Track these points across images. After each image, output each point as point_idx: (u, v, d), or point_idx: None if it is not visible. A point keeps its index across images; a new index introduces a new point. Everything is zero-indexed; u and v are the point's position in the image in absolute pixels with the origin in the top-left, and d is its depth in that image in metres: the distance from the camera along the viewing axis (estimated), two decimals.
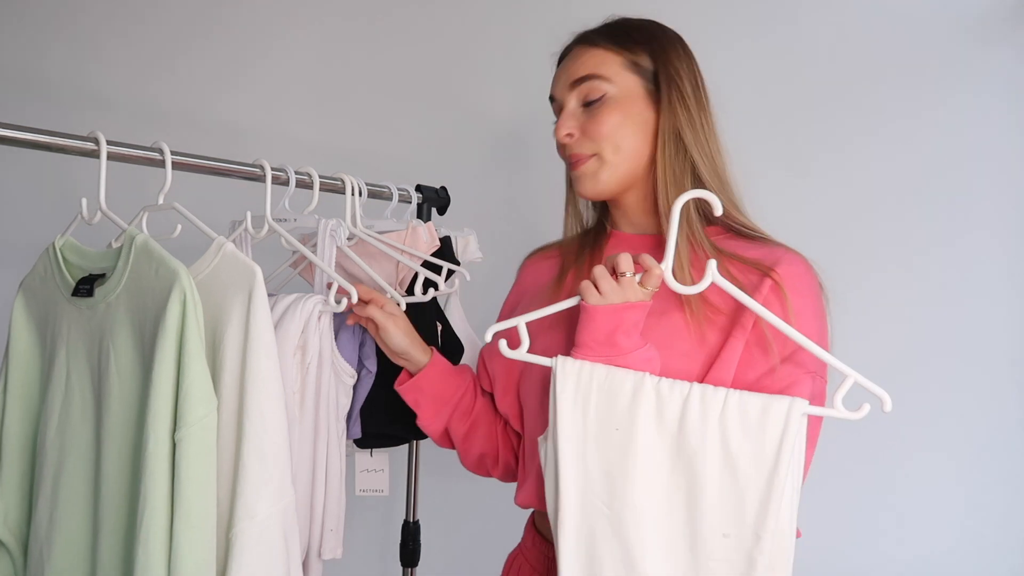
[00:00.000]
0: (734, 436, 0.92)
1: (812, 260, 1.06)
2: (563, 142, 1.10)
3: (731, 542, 0.91)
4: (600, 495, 0.95)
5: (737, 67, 1.62)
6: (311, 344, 1.11)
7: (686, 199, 0.94)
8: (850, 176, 1.61)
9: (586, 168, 1.09)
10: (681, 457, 0.93)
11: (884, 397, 0.92)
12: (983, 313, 1.54)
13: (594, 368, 0.96)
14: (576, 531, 0.95)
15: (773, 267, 1.01)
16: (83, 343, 0.98)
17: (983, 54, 1.53)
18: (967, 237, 1.55)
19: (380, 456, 1.39)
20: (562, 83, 1.12)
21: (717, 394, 0.93)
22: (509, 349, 1.02)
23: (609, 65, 1.08)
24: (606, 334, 0.96)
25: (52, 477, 0.98)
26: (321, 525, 1.16)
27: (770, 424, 0.91)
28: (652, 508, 0.93)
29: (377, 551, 1.92)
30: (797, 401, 0.92)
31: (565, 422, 0.96)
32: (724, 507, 0.92)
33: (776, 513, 0.90)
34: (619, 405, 0.95)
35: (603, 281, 0.96)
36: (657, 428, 0.94)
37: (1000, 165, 1.53)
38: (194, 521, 0.86)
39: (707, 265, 0.94)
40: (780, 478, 0.90)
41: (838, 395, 0.92)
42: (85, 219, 1.01)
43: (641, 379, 0.95)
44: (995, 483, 1.54)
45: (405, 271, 1.37)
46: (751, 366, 0.98)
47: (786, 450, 0.90)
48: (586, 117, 1.09)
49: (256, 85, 2.01)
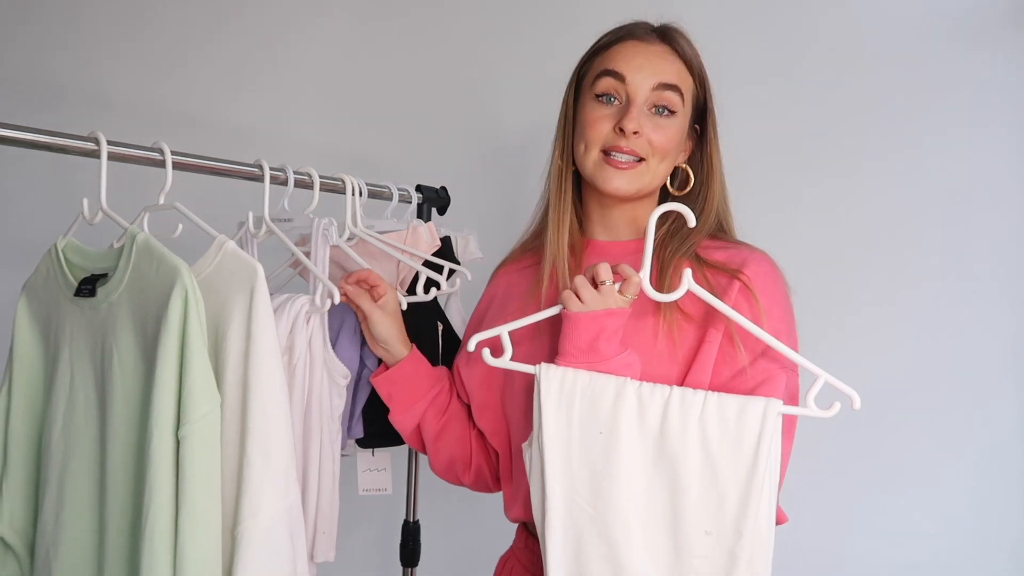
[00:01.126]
0: (713, 437, 0.95)
1: (803, 258, 1.10)
2: (631, 134, 1.05)
3: (713, 539, 0.95)
4: (585, 497, 0.98)
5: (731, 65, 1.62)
6: (298, 344, 1.11)
7: (660, 213, 0.98)
8: (846, 176, 1.61)
9: (638, 170, 1.08)
10: (663, 458, 0.96)
11: (853, 396, 0.96)
12: (983, 313, 1.54)
13: (577, 374, 0.99)
14: (563, 532, 0.98)
15: (740, 268, 1.04)
16: (86, 343, 0.98)
17: (977, 58, 1.54)
18: (966, 236, 1.55)
19: (382, 455, 1.40)
20: (645, 74, 1.06)
21: (696, 397, 0.96)
22: (492, 357, 1.04)
23: (688, 87, 1.10)
24: (588, 341, 0.99)
25: (57, 478, 0.99)
26: (313, 527, 1.15)
27: (747, 424, 0.95)
28: (636, 508, 0.97)
29: (377, 551, 1.92)
30: (772, 401, 0.96)
31: (550, 427, 0.99)
32: (706, 506, 0.95)
33: (756, 510, 0.94)
34: (602, 409, 0.98)
35: (584, 290, 0.98)
36: (639, 431, 0.97)
37: (996, 168, 1.53)
38: (198, 517, 0.86)
39: (683, 274, 0.97)
40: (759, 476, 0.94)
41: (810, 395, 0.96)
42: (86, 219, 1.01)
43: (623, 384, 0.98)
44: (995, 483, 1.54)
45: (406, 271, 1.37)
46: (726, 364, 1.01)
47: (763, 449, 0.94)
48: (651, 123, 1.07)
49: (258, 86, 2.01)
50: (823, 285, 1.55)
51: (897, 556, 1.59)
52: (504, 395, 1.15)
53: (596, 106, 1.09)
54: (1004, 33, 1.52)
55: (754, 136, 1.59)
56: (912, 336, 1.57)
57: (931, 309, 1.57)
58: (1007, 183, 1.53)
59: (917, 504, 1.58)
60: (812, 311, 1.16)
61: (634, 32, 1.10)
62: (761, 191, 1.57)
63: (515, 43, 1.84)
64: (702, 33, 1.15)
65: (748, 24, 1.67)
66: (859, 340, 1.57)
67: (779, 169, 1.64)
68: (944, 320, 1.56)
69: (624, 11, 1.16)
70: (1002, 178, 1.53)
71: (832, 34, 1.62)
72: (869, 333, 1.58)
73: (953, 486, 1.57)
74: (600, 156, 1.08)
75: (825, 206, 1.62)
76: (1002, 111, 1.53)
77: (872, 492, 1.60)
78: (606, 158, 1.08)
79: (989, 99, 1.53)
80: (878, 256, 1.59)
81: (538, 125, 1.47)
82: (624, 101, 1.07)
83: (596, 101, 1.09)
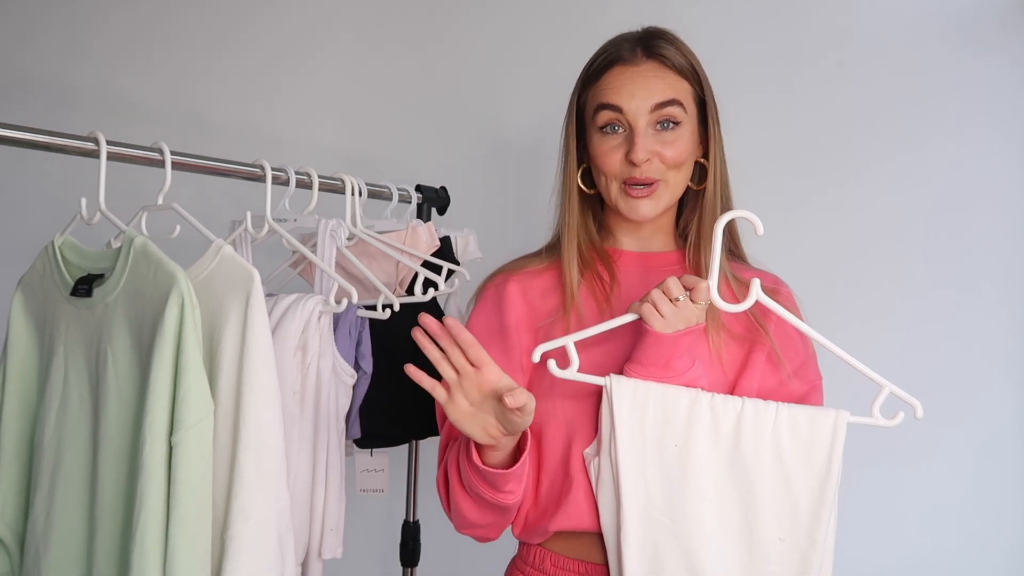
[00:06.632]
0: (786, 447, 0.99)
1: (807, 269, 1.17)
2: (641, 163, 1.05)
3: (786, 545, 0.98)
4: (660, 508, 1.00)
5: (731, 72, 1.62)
6: (311, 344, 1.12)
7: (729, 218, 0.96)
8: (846, 177, 1.61)
9: (657, 192, 1.08)
10: (737, 468, 0.99)
11: (916, 404, 0.99)
12: (981, 316, 1.54)
13: (648, 386, 1.00)
14: (640, 545, 1.00)
15: (774, 292, 1.08)
16: (81, 342, 0.98)
17: (977, 60, 1.53)
18: (964, 238, 1.55)
19: (380, 456, 1.40)
20: (639, 99, 1.06)
21: (768, 407, 0.99)
22: (559, 368, 1.00)
23: (685, 93, 1.09)
24: (666, 359, 1.00)
25: (49, 475, 0.99)
26: (321, 525, 1.16)
27: (819, 434, 0.99)
28: (710, 518, 0.99)
29: (377, 551, 1.92)
30: (841, 412, 1.00)
31: (624, 439, 1.00)
32: (779, 513, 0.99)
33: (828, 516, 0.98)
34: (675, 421, 1.00)
35: (663, 305, 0.97)
36: (713, 442, 0.99)
37: (996, 170, 1.53)
38: (189, 524, 0.86)
39: (751, 284, 0.96)
40: (832, 484, 0.98)
41: (875, 405, 1.00)
42: (84, 219, 1.01)
43: (696, 395, 1.00)
44: (995, 482, 1.54)
45: (405, 271, 1.37)
46: (766, 382, 1.06)
47: (836, 457, 0.99)
48: (659, 142, 1.07)
49: (258, 87, 2.01)
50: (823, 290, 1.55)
51: (897, 557, 1.59)
52: (548, 399, 1.08)
53: (603, 139, 1.09)
54: (1003, 37, 1.52)
55: (753, 143, 1.58)
56: (911, 336, 1.57)
57: (929, 313, 1.57)
58: (1007, 186, 1.53)
59: (917, 504, 1.59)
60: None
61: (620, 55, 1.09)
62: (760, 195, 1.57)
63: (515, 43, 1.83)
64: (702, 34, 1.14)
65: (748, 31, 1.66)
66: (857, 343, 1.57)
67: (778, 175, 1.63)
68: (942, 323, 1.56)
69: (624, 11, 1.16)
70: (1002, 181, 1.53)
71: (831, 34, 1.61)
72: (868, 337, 1.58)
73: (953, 486, 1.57)
74: (620, 187, 1.09)
75: (824, 209, 1.62)
76: (1001, 116, 1.53)
77: (872, 493, 1.60)
78: (626, 188, 1.08)
79: (988, 103, 1.53)
80: (877, 258, 1.59)
81: (538, 125, 1.47)
82: (628, 128, 1.07)
83: (601, 133, 1.09)
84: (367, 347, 1.23)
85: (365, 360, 1.23)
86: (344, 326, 1.21)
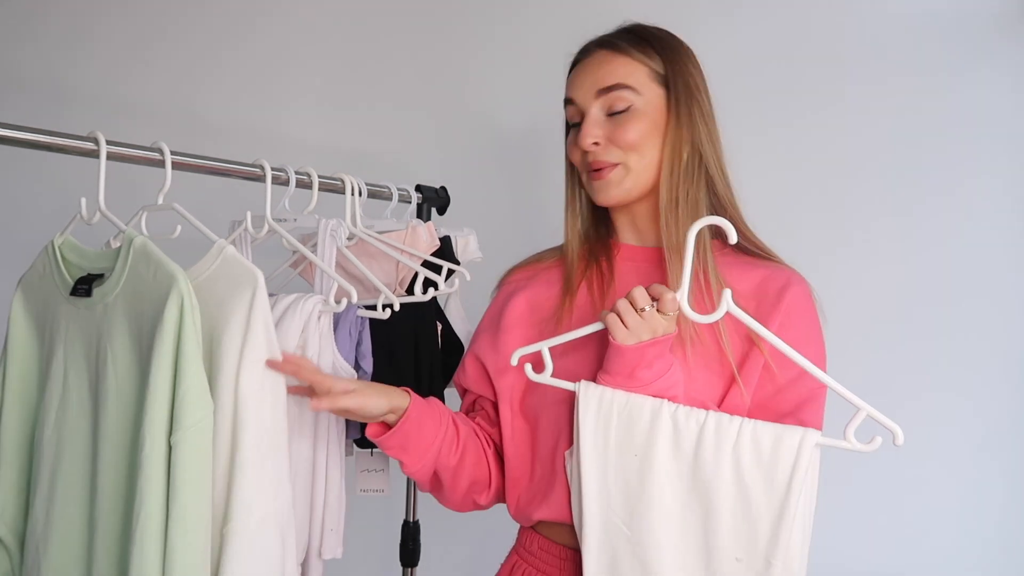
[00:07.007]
0: (747, 466, 0.95)
1: (807, 269, 1.10)
2: (589, 150, 1.08)
3: (743, 566, 0.95)
4: (620, 515, 0.99)
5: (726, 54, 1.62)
6: (311, 344, 1.12)
7: (700, 227, 0.93)
8: (847, 171, 1.61)
9: (612, 177, 1.08)
10: (697, 484, 0.97)
11: (896, 431, 0.91)
12: (982, 312, 1.54)
13: (615, 394, 1.00)
14: (599, 548, 1.00)
15: (783, 290, 1.04)
16: (81, 342, 0.98)
17: (987, 48, 1.53)
18: (963, 237, 1.55)
19: (380, 456, 1.39)
20: (586, 89, 1.09)
21: (732, 424, 0.96)
22: (534, 372, 1.03)
23: (637, 76, 1.08)
24: (630, 369, 0.99)
25: (49, 474, 0.99)
26: (321, 524, 1.16)
27: (782, 455, 0.94)
28: (669, 531, 0.97)
29: (377, 551, 1.92)
30: (809, 433, 0.94)
31: (587, 445, 1.00)
32: (737, 532, 0.95)
33: (787, 540, 0.93)
34: (638, 432, 0.98)
35: (628, 316, 0.96)
36: (674, 455, 0.97)
37: (995, 170, 1.53)
38: (188, 524, 0.86)
39: (723, 294, 0.93)
40: (791, 506, 0.93)
41: (849, 429, 0.92)
42: (84, 219, 1.01)
43: (659, 406, 0.98)
44: (994, 482, 1.54)
45: (405, 271, 1.37)
46: (771, 381, 1.03)
47: (797, 480, 0.93)
48: (612, 126, 1.07)
49: (258, 86, 2.01)
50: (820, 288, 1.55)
51: (896, 557, 1.59)
52: (526, 399, 1.14)
53: (570, 134, 1.13)
54: (1003, 37, 1.52)
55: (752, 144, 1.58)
56: (911, 335, 1.57)
57: (928, 312, 1.57)
58: (1006, 186, 1.53)
59: (915, 504, 1.59)
60: None
61: (583, 55, 1.13)
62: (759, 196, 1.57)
63: (516, 43, 1.83)
64: (703, 34, 1.14)
65: (746, 30, 1.67)
66: (855, 343, 1.57)
67: (773, 167, 1.63)
68: (942, 323, 1.56)
69: (624, 13, 1.16)
70: (1001, 181, 1.53)
71: (837, 22, 1.61)
72: (867, 337, 1.58)
73: (953, 486, 1.57)
74: (588, 176, 1.12)
75: (824, 205, 1.62)
76: (1001, 115, 1.53)
77: (871, 493, 1.60)
78: (589, 174, 1.11)
79: (988, 103, 1.53)
80: (877, 257, 1.59)
81: (538, 125, 1.47)
82: (584, 118, 1.10)
83: (570, 128, 1.14)
84: (367, 347, 1.23)
85: (365, 360, 1.23)
86: (344, 326, 1.21)
